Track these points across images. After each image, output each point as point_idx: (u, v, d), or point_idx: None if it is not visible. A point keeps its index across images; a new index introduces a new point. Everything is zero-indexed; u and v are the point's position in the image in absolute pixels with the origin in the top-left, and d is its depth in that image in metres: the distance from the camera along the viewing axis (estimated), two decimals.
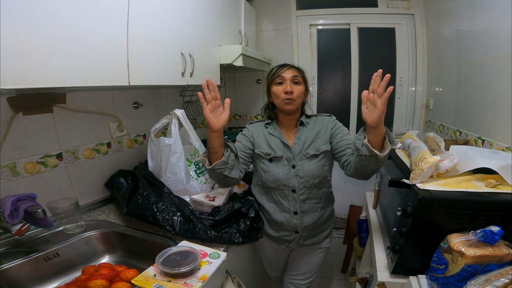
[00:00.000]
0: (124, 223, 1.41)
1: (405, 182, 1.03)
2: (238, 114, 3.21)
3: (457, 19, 1.92)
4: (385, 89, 0.95)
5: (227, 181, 1.23)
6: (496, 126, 1.45)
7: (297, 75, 1.32)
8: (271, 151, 1.36)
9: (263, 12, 2.87)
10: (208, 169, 1.18)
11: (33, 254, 1.16)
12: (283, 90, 1.30)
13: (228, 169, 1.18)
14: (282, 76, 1.31)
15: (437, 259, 0.91)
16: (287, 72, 1.32)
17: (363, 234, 1.91)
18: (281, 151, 1.36)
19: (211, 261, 1.10)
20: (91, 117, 1.52)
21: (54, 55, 0.92)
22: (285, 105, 1.32)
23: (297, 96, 1.31)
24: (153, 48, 1.34)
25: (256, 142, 1.39)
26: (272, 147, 1.37)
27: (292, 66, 1.35)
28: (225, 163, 1.16)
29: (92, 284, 1.02)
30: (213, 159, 1.17)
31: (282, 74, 1.31)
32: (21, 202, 1.10)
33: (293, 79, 1.31)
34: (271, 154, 1.36)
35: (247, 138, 1.40)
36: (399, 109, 2.80)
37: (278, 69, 1.34)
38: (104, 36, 1.09)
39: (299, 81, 1.33)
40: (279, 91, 1.32)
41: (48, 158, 1.34)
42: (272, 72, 1.36)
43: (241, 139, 1.40)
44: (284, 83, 1.31)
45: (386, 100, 0.95)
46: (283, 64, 1.36)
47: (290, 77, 1.31)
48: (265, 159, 1.37)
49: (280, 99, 1.32)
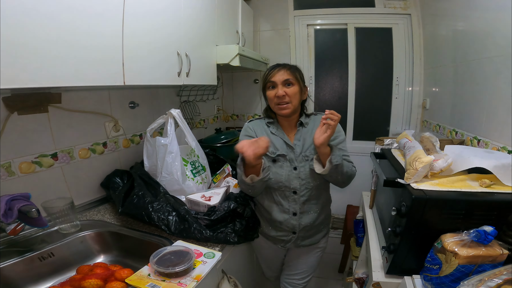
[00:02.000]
0: (120, 223, 1.41)
1: (399, 182, 1.03)
2: (235, 114, 3.21)
3: (454, 19, 1.92)
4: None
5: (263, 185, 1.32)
6: (492, 126, 1.45)
7: (288, 78, 1.29)
8: (275, 149, 1.36)
9: (261, 12, 2.87)
10: (258, 180, 1.23)
11: (28, 253, 1.15)
12: (275, 95, 1.30)
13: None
14: (273, 81, 1.30)
15: (431, 259, 0.91)
16: (277, 75, 1.30)
17: (360, 234, 1.92)
18: (284, 150, 1.35)
19: (206, 260, 1.10)
20: (87, 117, 1.52)
21: (48, 54, 0.92)
22: (279, 110, 1.32)
23: (291, 97, 1.30)
24: (148, 48, 1.34)
25: None
26: (276, 146, 1.36)
27: (283, 67, 1.32)
28: (267, 168, 1.27)
29: (86, 283, 1.02)
30: (251, 172, 1.24)
31: (272, 79, 1.30)
32: (15, 202, 1.09)
33: (285, 83, 1.29)
34: (276, 153, 1.35)
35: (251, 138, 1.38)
36: (395, 109, 2.81)
37: (270, 73, 1.32)
38: (99, 36, 1.09)
39: (291, 82, 1.30)
40: (271, 96, 1.31)
41: (43, 158, 1.33)
42: (265, 76, 1.34)
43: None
44: (276, 88, 1.30)
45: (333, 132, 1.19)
46: (275, 66, 1.34)
47: (281, 81, 1.29)
48: (269, 159, 1.36)
49: (274, 104, 1.32)
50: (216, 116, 2.97)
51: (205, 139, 2.46)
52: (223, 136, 2.44)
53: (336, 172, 1.24)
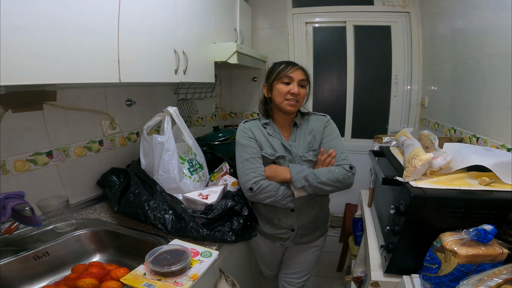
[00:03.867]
0: (116, 222, 1.40)
1: (398, 180, 1.02)
2: (233, 112, 3.20)
3: (453, 17, 1.92)
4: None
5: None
6: (491, 124, 1.44)
7: (305, 79, 1.32)
8: (274, 151, 1.35)
9: (259, 10, 2.86)
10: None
11: (23, 252, 1.14)
12: (289, 91, 1.29)
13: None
14: (291, 77, 1.30)
15: (430, 258, 0.90)
16: (296, 73, 1.30)
17: (358, 232, 1.91)
18: (283, 152, 1.35)
19: (203, 259, 1.09)
20: (83, 115, 1.50)
21: (43, 51, 0.91)
22: (288, 106, 1.31)
23: (301, 99, 1.32)
24: (145, 45, 1.33)
25: (259, 143, 1.37)
26: (275, 148, 1.36)
27: (301, 68, 1.34)
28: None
29: (81, 282, 1.01)
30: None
31: (291, 74, 1.30)
32: (8, 200, 1.07)
33: (300, 83, 1.31)
34: (275, 154, 1.34)
35: (253, 141, 1.37)
36: (394, 107, 2.80)
37: (287, 68, 1.31)
38: (94, 32, 1.08)
39: (305, 85, 1.33)
40: (284, 91, 1.30)
41: (38, 156, 1.32)
42: (280, 69, 1.32)
43: (251, 144, 1.36)
44: (291, 84, 1.30)
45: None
46: (292, 63, 1.34)
47: (299, 80, 1.30)
48: (269, 160, 1.35)
49: (283, 99, 1.31)
50: (214, 115, 2.96)
51: (203, 137, 2.44)
52: (221, 134, 2.43)
53: (309, 190, 1.26)
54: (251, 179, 1.28)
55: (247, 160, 1.32)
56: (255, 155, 1.32)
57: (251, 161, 1.31)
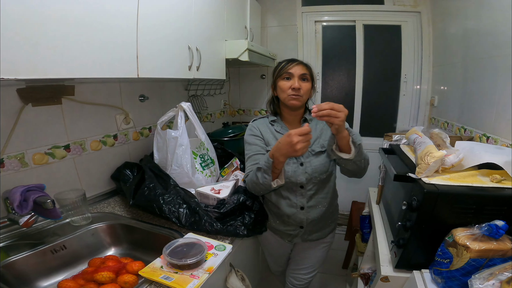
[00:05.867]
0: (130, 215, 1.43)
1: (410, 176, 1.03)
2: (242, 109, 3.22)
3: (464, 17, 1.91)
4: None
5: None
6: (501, 124, 1.45)
7: (306, 73, 1.33)
8: None
9: (268, 8, 2.87)
10: (281, 184, 1.21)
11: (40, 246, 1.15)
12: (290, 86, 1.31)
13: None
14: (290, 72, 1.31)
15: (442, 253, 0.92)
16: (295, 68, 1.31)
17: (366, 229, 1.92)
18: None
19: (217, 253, 1.11)
20: (98, 109, 1.53)
21: (66, 46, 0.93)
22: (291, 100, 1.32)
23: (304, 93, 1.32)
24: (161, 42, 1.36)
25: (266, 140, 1.40)
26: None
27: (301, 63, 1.35)
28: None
29: (99, 276, 1.03)
30: (273, 176, 1.21)
31: (290, 70, 1.31)
32: (30, 193, 1.10)
33: (301, 77, 1.32)
34: None
35: (259, 138, 1.40)
36: (403, 106, 2.80)
37: (287, 64, 1.33)
38: (115, 29, 1.11)
39: (307, 78, 1.34)
40: (285, 87, 1.32)
41: (56, 149, 1.35)
42: (280, 67, 1.35)
43: (256, 142, 1.39)
44: (291, 79, 1.32)
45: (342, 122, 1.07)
46: (292, 59, 1.36)
47: (299, 74, 1.31)
48: None
49: (286, 94, 1.32)
50: (222, 111, 2.99)
51: (212, 133, 2.47)
52: (231, 130, 2.45)
53: (360, 154, 1.21)
54: (247, 174, 1.33)
55: (250, 157, 1.37)
56: (258, 152, 1.36)
57: (253, 158, 1.36)
